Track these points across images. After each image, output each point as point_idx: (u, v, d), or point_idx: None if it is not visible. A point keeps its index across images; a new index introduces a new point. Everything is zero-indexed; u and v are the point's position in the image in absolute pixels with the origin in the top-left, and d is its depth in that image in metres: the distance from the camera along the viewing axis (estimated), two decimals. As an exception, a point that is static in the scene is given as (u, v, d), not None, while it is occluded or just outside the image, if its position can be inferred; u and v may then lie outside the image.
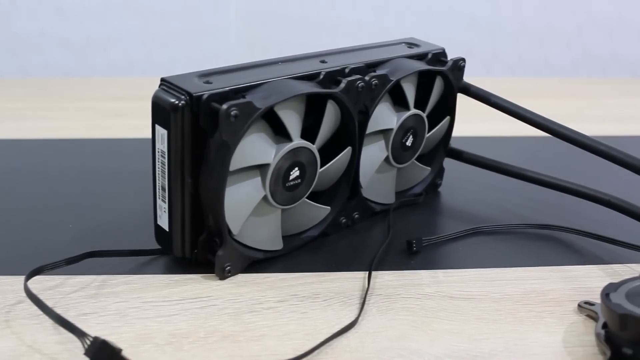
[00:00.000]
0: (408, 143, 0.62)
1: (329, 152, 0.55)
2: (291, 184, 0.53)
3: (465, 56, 0.64)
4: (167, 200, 0.51)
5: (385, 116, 0.60)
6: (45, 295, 0.49)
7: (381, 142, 0.60)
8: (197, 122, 0.48)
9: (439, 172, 0.68)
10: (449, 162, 0.69)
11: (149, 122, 0.50)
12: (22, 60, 1.26)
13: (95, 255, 0.52)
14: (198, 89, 0.48)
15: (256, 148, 0.50)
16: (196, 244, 0.52)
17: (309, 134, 0.53)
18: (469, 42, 1.29)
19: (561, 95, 1.08)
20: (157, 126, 0.49)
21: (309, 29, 1.30)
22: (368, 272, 0.53)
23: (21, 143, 0.81)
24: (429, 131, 0.64)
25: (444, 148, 0.68)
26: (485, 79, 0.75)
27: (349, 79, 0.54)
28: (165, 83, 0.50)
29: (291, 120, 0.52)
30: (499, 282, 0.53)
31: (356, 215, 0.61)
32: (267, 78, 0.51)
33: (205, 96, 0.48)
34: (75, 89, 1.07)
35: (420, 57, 0.62)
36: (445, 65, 0.62)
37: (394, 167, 0.63)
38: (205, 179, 0.49)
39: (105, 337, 0.40)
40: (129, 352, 0.41)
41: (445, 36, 0.97)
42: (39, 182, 0.69)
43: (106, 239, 0.57)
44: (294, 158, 0.52)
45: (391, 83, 0.57)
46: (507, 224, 0.62)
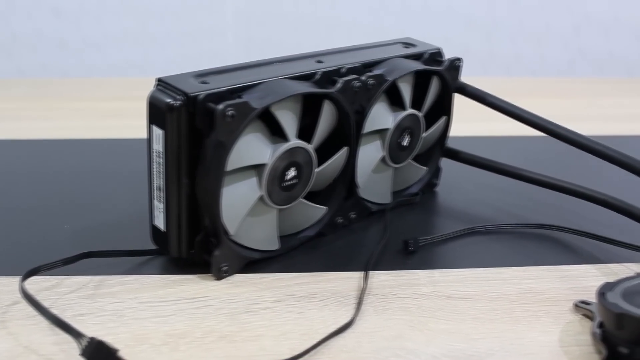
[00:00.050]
0: (404, 143, 0.62)
1: (325, 152, 0.55)
2: (288, 184, 0.53)
3: (462, 56, 0.64)
4: (164, 201, 0.51)
5: (381, 116, 0.60)
6: (42, 295, 0.49)
7: (378, 142, 0.60)
8: (194, 122, 0.48)
9: (436, 172, 0.68)
10: (446, 162, 0.69)
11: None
12: (19, 61, 1.25)
13: (92, 256, 0.52)
14: (194, 89, 0.48)
15: (252, 148, 0.50)
16: (193, 244, 0.52)
17: (306, 134, 0.53)
18: (465, 42, 1.29)
19: (557, 94, 1.08)
20: (154, 126, 0.49)
21: (305, 29, 1.30)
22: (365, 272, 0.53)
23: (18, 143, 0.81)
24: (426, 131, 0.64)
25: (441, 148, 0.68)
26: (481, 78, 0.75)
27: (345, 78, 0.54)
28: (161, 83, 0.50)
29: (287, 120, 0.52)
30: (496, 282, 0.53)
31: (353, 215, 0.61)
32: (264, 78, 0.51)
33: (201, 96, 0.48)
34: (72, 89, 1.07)
35: (417, 57, 0.62)
36: (442, 65, 0.62)
37: (391, 167, 0.63)
38: (202, 179, 0.49)
39: (102, 338, 0.40)
40: (126, 353, 0.41)
41: (442, 36, 0.98)
42: (36, 182, 0.69)
43: (103, 239, 0.57)
44: (291, 158, 0.52)
45: (387, 83, 0.57)
46: (504, 223, 0.62)
